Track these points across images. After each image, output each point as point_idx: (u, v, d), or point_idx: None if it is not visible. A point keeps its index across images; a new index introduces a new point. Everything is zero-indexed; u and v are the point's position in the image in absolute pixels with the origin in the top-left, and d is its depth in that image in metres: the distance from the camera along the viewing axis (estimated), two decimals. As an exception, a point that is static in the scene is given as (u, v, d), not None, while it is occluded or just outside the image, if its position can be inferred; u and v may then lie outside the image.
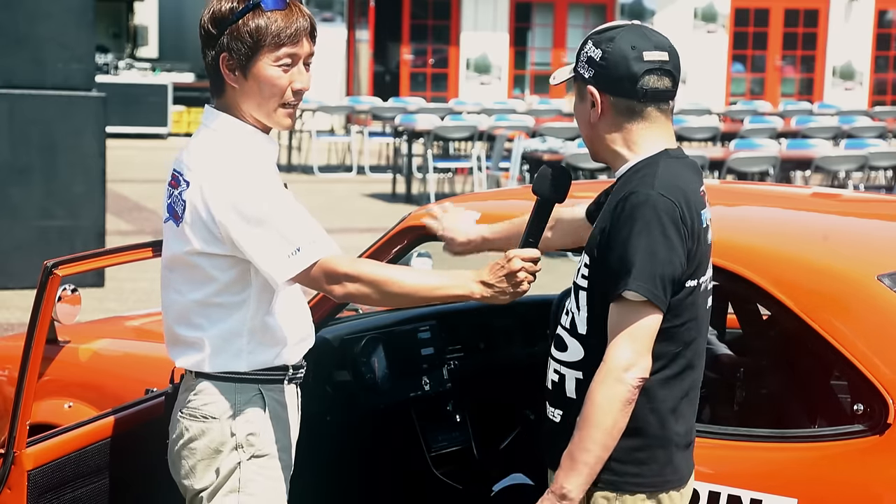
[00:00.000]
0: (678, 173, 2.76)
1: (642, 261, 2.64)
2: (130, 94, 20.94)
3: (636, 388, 2.65)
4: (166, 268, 3.13)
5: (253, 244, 2.93)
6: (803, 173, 13.24)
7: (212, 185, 2.97)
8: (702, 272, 2.77)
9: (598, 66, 2.78)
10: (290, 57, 3.02)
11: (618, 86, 2.77)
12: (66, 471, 3.35)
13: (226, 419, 3.07)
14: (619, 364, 2.65)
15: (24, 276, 9.24)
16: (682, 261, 2.68)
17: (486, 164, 15.21)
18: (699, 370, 2.83)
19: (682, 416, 2.78)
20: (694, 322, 2.77)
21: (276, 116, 3.07)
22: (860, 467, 2.97)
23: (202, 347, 3.07)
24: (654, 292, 2.64)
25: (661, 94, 2.78)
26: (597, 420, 2.65)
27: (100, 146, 9.80)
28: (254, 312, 3.06)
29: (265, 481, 3.10)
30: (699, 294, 2.77)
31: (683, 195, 2.71)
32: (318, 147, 18.77)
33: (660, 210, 2.66)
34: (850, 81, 25.17)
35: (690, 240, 2.70)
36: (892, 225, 3.89)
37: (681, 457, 2.80)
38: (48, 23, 9.48)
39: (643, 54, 2.75)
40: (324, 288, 2.98)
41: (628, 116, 2.79)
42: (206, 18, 3.04)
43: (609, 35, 2.80)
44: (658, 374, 2.72)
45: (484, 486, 4.21)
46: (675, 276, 2.67)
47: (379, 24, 23.63)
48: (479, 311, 4.76)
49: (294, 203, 3.00)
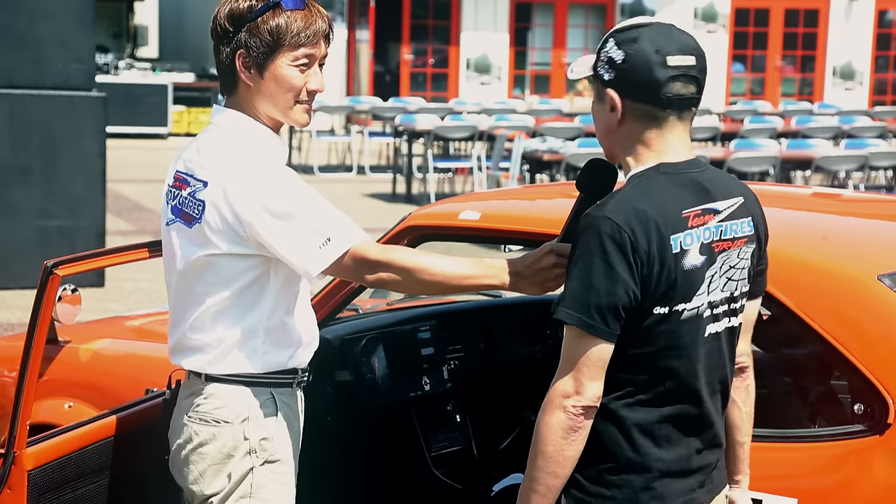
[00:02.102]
0: (652, 192, 2.59)
1: (576, 288, 2.55)
2: (130, 94, 20.95)
3: (579, 415, 2.56)
4: (179, 273, 3.05)
5: (283, 239, 2.90)
6: (803, 173, 13.24)
7: (236, 185, 2.93)
8: (679, 299, 2.59)
9: (619, 69, 2.62)
10: (307, 58, 3.00)
11: (639, 92, 2.61)
12: (66, 471, 3.35)
13: (239, 423, 3.03)
14: (560, 392, 2.57)
15: (24, 276, 9.24)
16: (629, 288, 2.53)
17: (487, 164, 15.22)
18: (693, 399, 2.66)
19: (666, 441, 2.65)
20: (676, 351, 2.61)
21: (293, 113, 3.04)
22: (860, 467, 2.97)
23: (215, 348, 3.03)
24: (587, 322, 2.53)
25: (685, 101, 2.63)
26: (540, 448, 2.59)
27: (100, 146, 9.80)
28: (272, 311, 3.03)
29: (277, 487, 3.07)
30: (679, 322, 2.60)
31: (639, 217, 2.54)
32: (319, 147, 18.78)
33: (603, 234, 2.52)
34: (850, 81, 25.17)
35: (646, 266, 2.53)
36: (892, 225, 3.88)
37: (671, 484, 2.66)
38: (48, 23, 9.49)
39: (667, 59, 2.59)
40: (355, 276, 2.95)
41: (647, 123, 2.64)
42: (222, 15, 3.01)
43: (632, 35, 2.63)
44: (626, 398, 2.62)
45: (484, 486, 4.21)
46: (617, 305, 2.53)
47: (379, 24, 23.63)
48: (479, 311, 4.77)
49: (317, 194, 2.97)
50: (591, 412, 2.58)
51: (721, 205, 2.67)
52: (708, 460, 2.73)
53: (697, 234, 2.61)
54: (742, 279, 2.72)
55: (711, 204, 2.65)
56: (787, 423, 3.36)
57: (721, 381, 2.74)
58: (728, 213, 2.68)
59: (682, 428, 2.66)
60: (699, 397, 2.67)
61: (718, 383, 2.73)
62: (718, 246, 2.65)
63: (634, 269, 2.53)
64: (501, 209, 3.97)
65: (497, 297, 4.92)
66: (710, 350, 2.68)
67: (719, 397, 2.76)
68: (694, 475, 2.70)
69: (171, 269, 3.10)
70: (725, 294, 2.68)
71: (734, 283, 2.70)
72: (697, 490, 2.71)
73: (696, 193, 2.64)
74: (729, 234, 2.67)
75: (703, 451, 2.71)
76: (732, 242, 2.68)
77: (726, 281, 2.68)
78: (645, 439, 2.63)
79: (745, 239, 2.71)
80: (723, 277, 2.67)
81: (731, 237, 2.67)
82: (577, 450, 2.59)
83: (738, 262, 2.69)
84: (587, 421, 2.58)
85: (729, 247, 2.67)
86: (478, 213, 3.65)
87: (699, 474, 2.71)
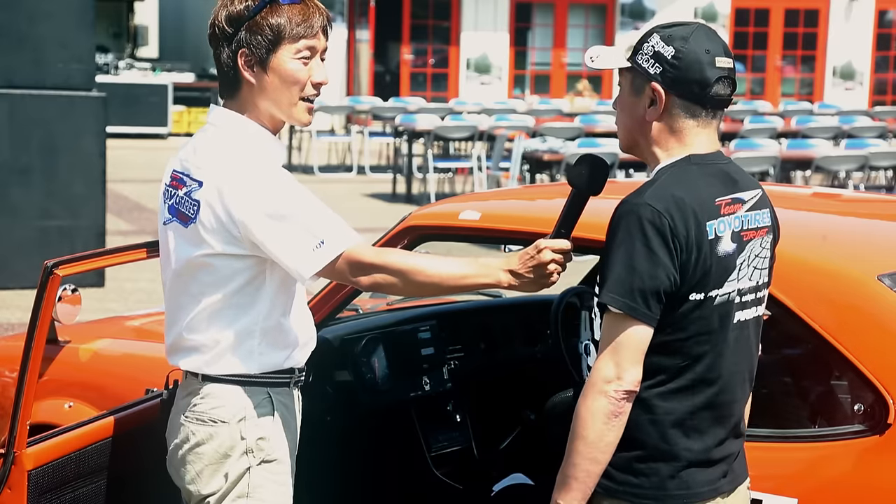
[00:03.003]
0: (687, 181, 2.67)
1: (620, 272, 2.59)
2: (131, 94, 20.95)
3: (620, 400, 2.59)
4: (175, 272, 3.06)
5: (277, 241, 2.90)
6: (803, 173, 13.24)
7: (231, 185, 2.93)
8: (713, 285, 2.65)
9: (669, 65, 2.67)
10: (309, 49, 3.01)
11: (687, 88, 2.68)
12: (66, 471, 3.34)
13: (235, 423, 3.03)
14: (602, 377, 2.60)
15: (24, 276, 9.24)
16: (669, 273, 2.59)
17: (487, 164, 15.22)
18: (721, 386, 2.71)
19: (695, 431, 2.69)
20: (707, 336, 2.67)
21: (296, 111, 3.04)
22: (860, 467, 2.97)
23: (211, 349, 3.03)
24: (630, 305, 2.58)
25: (724, 101, 2.72)
26: (580, 433, 2.61)
27: (100, 146, 9.80)
28: (268, 313, 3.03)
29: (274, 486, 3.07)
30: (712, 308, 2.66)
31: (678, 204, 2.61)
32: (319, 147, 18.77)
33: (643, 220, 2.58)
34: (850, 81, 25.17)
35: (685, 252, 2.60)
36: (892, 225, 3.88)
37: (697, 473, 2.70)
38: (48, 23, 9.48)
39: (716, 60, 2.67)
40: (349, 279, 2.94)
41: (685, 119, 2.71)
42: (221, 18, 3.01)
43: (681, 33, 2.69)
44: (658, 386, 2.66)
45: (484, 486, 4.21)
46: (659, 289, 2.59)
47: (379, 24, 23.63)
48: (479, 311, 4.76)
49: (312, 196, 2.97)
50: (631, 396, 2.62)
51: (746, 195, 2.76)
52: (731, 450, 2.78)
53: (729, 221, 2.70)
54: (765, 269, 2.80)
55: (739, 194, 2.75)
56: (787, 423, 3.36)
57: (749, 369, 2.81)
58: (752, 204, 2.77)
59: (711, 417, 2.71)
60: (728, 384, 2.73)
61: (747, 372, 2.80)
62: (746, 235, 2.74)
63: (674, 254, 2.60)
64: (501, 209, 3.97)
65: (497, 297, 4.92)
66: (738, 337, 2.74)
67: (747, 386, 2.82)
68: (718, 465, 2.75)
69: (167, 269, 3.10)
70: (752, 283, 2.75)
71: (759, 272, 2.77)
72: (721, 480, 2.76)
73: (725, 183, 2.73)
74: (753, 224, 2.76)
75: (728, 440, 2.76)
76: (756, 232, 2.76)
77: (753, 270, 2.75)
78: (675, 429, 2.68)
79: (766, 229, 2.80)
80: (750, 266, 2.75)
81: (755, 227, 2.76)
82: (617, 435, 2.62)
83: (761, 252, 2.78)
84: (628, 405, 2.62)
85: (754, 236, 2.75)
86: (478, 213, 3.65)
87: (723, 464, 2.76)
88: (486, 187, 15.06)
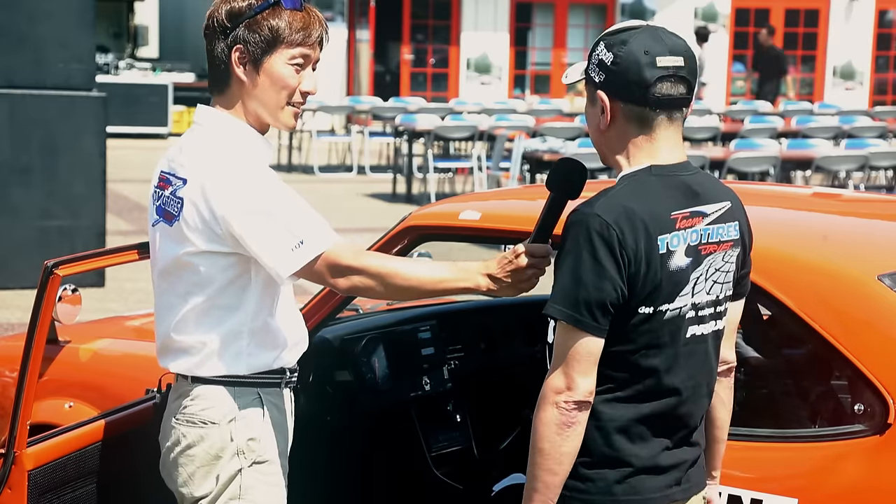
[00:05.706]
0: (643, 193, 2.62)
1: (566, 284, 2.57)
2: (131, 94, 20.95)
3: (572, 410, 2.58)
4: (161, 272, 3.08)
5: (256, 238, 2.90)
6: (804, 173, 13.23)
7: (214, 181, 2.93)
8: (664, 299, 2.61)
9: (609, 71, 2.65)
10: (303, 58, 3.02)
11: (628, 92, 2.64)
12: (66, 471, 3.35)
13: (225, 424, 3.03)
14: (552, 388, 2.60)
15: (24, 276, 9.24)
16: (616, 285, 2.56)
17: (487, 164, 15.21)
18: (674, 399, 2.68)
19: (640, 438, 2.67)
20: (657, 350, 2.64)
21: (282, 115, 3.05)
22: (860, 467, 2.97)
23: (199, 351, 3.04)
24: (576, 317, 2.56)
25: (674, 101, 2.65)
26: (536, 445, 2.61)
27: (100, 146, 9.80)
28: (255, 313, 3.03)
29: (266, 487, 3.07)
30: (662, 322, 2.62)
31: (628, 216, 2.57)
32: (319, 147, 18.77)
33: (591, 231, 2.55)
34: (850, 81, 25.17)
35: (633, 264, 2.56)
36: (892, 225, 3.88)
37: (646, 480, 2.68)
38: (48, 23, 9.48)
39: (657, 59, 2.62)
40: (328, 281, 2.93)
41: (637, 124, 2.67)
42: (221, 11, 3.02)
43: (622, 38, 2.66)
44: (605, 394, 2.64)
45: (484, 486, 4.21)
46: (605, 301, 2.56)
47: (379, 24, 23.63)
48: (479, 311, 4.76)
49: (296, 196, 2.96)
50: (584, 407, 2.60)
51: (709, 208, 2.70)
52: (683, 458, 2.76)
53: (685, 235, 2.65)
54: (727, 283, 2.75)
55: (700, 207, 2.69)
56: (787, 423, 3.36)
57: (707, 383, 2.77)
58: (715, 217, 2.71)
59: (658, 426, 2.69)
60: (679, 397, 2.70)
61: (704, 385, 2.76)
62: (705, 249, 2.69)
63: (622, 266, 2.56)
64: (502, 209, 3.97)
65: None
66: (693, 351, 2.70)
67: (704, 400, 2.79)
68: (670, 472, 2.73)
69: (155, 270, 3.11)
70: (711, 297, 2.71)
71: (719, 286, 2.73)
72: (673, 487, 2.74)
73: (686, 196, 2.68)
74: (715, 238, 2.71)
75: (678, 448, 2.74)
76: (718, 245, 2.71)
77: (712, 284, 2.71)
78: (620, 436, 2.66)
79: (730, 243, 2.74)
80: (709, 280, 2.70)
81: (718, 240, 2.71)
82: (574, 446, 2.61)
83: (723, 266, 2.73)
84: (581, 415, 2.60)
85: (715, 250, 2.70)
86: (478, 213, 3.65)
87: (676, 471, 2.74)
88: (487, 187, 15.05)
